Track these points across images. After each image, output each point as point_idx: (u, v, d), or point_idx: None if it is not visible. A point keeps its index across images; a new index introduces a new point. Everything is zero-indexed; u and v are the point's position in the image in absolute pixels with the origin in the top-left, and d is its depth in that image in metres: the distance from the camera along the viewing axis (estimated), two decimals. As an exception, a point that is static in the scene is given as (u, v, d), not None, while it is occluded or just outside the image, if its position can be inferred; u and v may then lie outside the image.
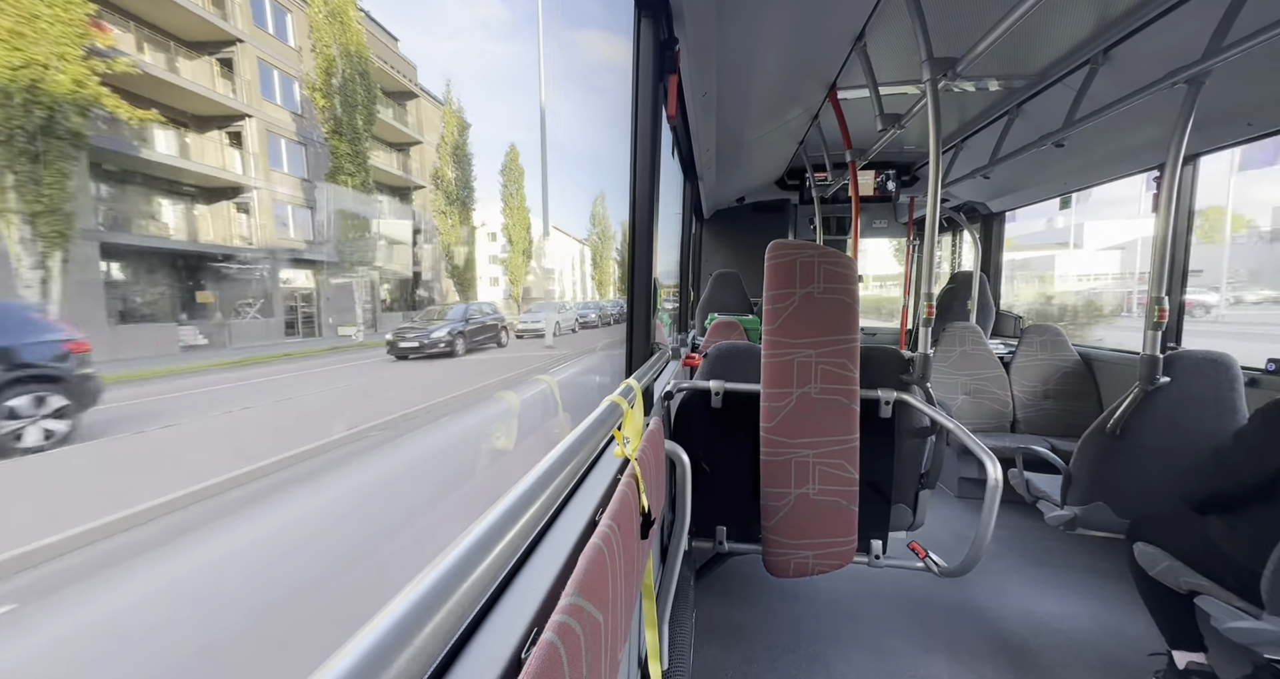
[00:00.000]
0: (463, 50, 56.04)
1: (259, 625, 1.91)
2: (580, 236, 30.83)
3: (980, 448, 1.57)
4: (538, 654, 0.44)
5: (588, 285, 30.92)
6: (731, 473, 1.83)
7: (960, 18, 1.93)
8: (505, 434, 4.24)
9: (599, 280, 30.83)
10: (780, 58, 2.21)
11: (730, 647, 1.94)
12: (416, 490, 3.49)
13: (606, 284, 30.56)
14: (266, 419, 4.54)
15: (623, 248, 22.17)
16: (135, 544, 2.26)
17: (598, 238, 31.18)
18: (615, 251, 35.43)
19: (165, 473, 3.04)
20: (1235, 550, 1.42)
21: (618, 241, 33.74)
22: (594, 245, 31.19)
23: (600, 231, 31.09)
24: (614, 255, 32.62)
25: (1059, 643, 1.95)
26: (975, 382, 3.38)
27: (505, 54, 57.31)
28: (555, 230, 24.80)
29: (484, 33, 50.60)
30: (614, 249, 35.27)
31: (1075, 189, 3.50)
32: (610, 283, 30.97)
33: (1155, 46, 1.95)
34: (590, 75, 70.53)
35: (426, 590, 0.37)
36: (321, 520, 2.82)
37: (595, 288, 30.58)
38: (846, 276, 1.62)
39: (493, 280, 19.82)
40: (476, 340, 8.12)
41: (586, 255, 31.17)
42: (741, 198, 4.77)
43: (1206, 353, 1.97)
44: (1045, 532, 2.77)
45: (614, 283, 32.40)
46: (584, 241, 30.30)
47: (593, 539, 0.64)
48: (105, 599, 1.88)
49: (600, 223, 31.02)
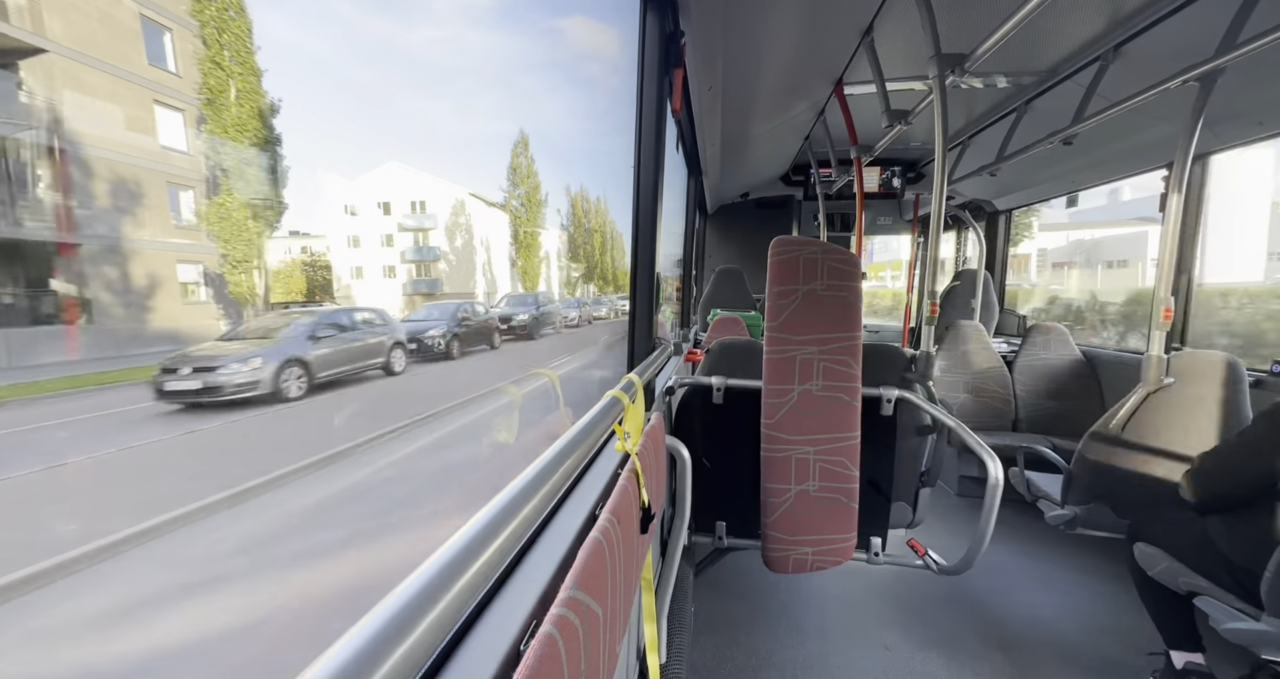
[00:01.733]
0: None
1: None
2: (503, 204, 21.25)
3: (981, 446, 1.57)
4: (536, 647, 0.44)
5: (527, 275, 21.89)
6: (732, 469, 1.83)
7: (969, 13, 1.91)
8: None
9: (524, 267, 21.45)
10: (786, 52, 2.19)
11: (729, 641, 1.95)
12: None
13: (534, 273, 21.58)
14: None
15: (573, 219, 21.18)
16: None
17: (520, 204, 21.07)
18: (564, 226, 29.01)
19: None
20: (1235, 552, 1.42)
21: (565, 214, 29.05)
22: (516, 216, 21.29)
23: (526, 196, 21.04)
24: (560, 231, 25.06)
25: (1057, 641, 1.95)
26: (977, 380, 3.37)
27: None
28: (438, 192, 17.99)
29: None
30: (560, 223, 27.73)
31: (1083, 187, 3.47)
32: (540, 270, 21.81)
33: (1167, 44, 1.93)
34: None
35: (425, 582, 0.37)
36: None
37: (519, 278, 21.64)
38: (850, 273, 1.62)
39: (388, 270, 16.30)
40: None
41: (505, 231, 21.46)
42: (746, 193, 4.75)
43: (1211, 354, 1.96)
44: (1045, 531, 2.77)
45: (554, 269, 23.50)
46: (503, 208, 20.95)
47: (592, 533, 0.64)
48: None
49: (525, 181, 20.90)
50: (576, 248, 30.82)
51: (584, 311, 17.97)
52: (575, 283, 30.22)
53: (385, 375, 5.63)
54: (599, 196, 32.04)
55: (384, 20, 39.45)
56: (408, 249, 17.12)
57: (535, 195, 21.36)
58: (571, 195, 31.18)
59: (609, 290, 31.36)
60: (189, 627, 2.24)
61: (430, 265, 17.61)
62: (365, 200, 16.39)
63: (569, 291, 29.09)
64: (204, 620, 2.29)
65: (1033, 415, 3.28)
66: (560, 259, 29.31)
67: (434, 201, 17.91)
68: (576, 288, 30.44)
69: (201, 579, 2.60)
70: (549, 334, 11.74)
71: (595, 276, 31.62)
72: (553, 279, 26.95)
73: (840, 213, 4.62)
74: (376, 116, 33.77)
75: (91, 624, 2.23)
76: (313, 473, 3.64)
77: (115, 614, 2.27)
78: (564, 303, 18.38)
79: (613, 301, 22.32)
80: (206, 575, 2.64)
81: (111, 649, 2.10)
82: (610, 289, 31.73)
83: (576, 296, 27.25)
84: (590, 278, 31.31)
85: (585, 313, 17.91)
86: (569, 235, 30.49)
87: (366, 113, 32.40)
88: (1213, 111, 1.94)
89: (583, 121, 79.09)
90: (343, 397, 5.01)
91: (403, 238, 17.01)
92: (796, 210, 4.75)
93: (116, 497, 3.35)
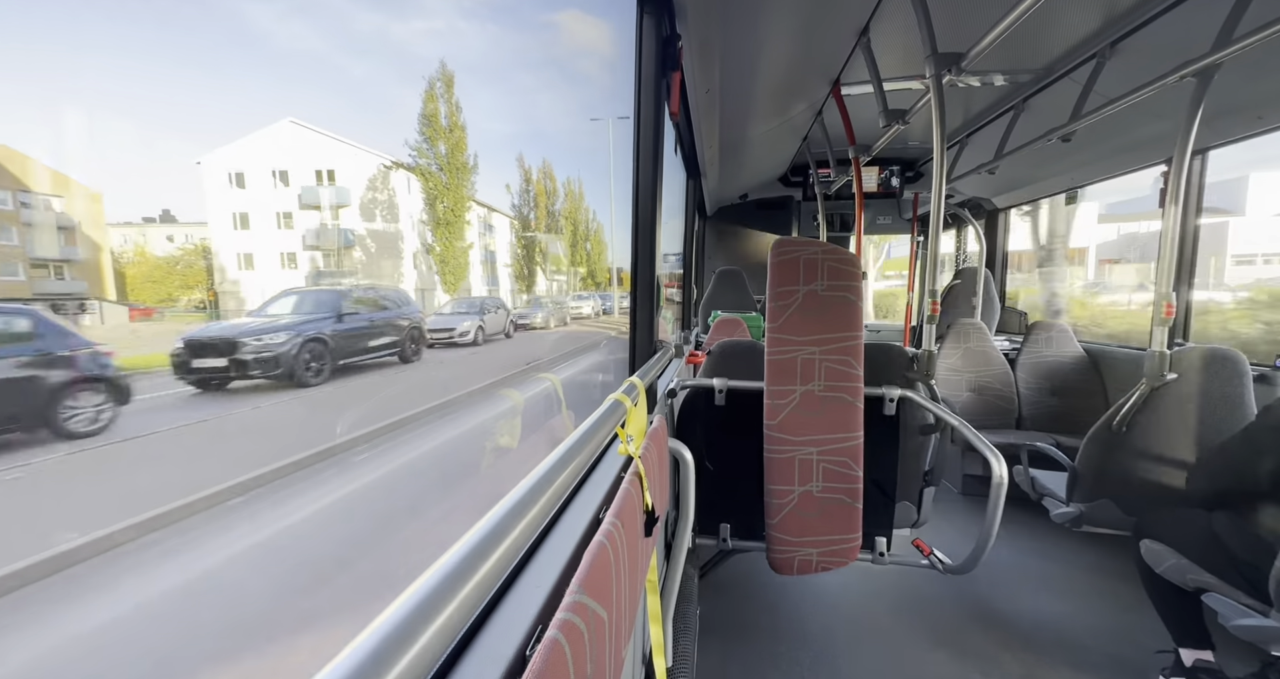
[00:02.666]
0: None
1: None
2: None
3: (985, 445, 1.56)
4: (542, 652, 0.44)
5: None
6: (735, 470, 1.83)
7: (965, 12, 1.91)
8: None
9: (442, 253, 15.67)
10: (783, 54, 2.20)
11: (734, 644, 1.94)
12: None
13: (457, 264, 15.73)
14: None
15: (532, 200, 17.77)
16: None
17: (439, 168, 15.44)
18: (517, 205, 22.76)
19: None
20: (1242, 547, 1.41)
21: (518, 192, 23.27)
22: (430, 181, 15.45)
23: (449, 158, 15.43)
24: (508, 206, 18.65)
25: (1065, 640, 1.94)
26: (980, 378, 3.36)
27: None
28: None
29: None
30: (512, 202, 21.76)
31: (1081, 184, 3.47)
32: (462, 259, 15.76)
33: (1164, 40, 1.93)
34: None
35: (430, 588, 0.37)
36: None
37: (436, 269, 16.02)
38: (850, 273, 1.62)
39: (287, 259, 12.17)
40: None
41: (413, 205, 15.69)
42: (745, 194, 4.76)
43: (1214, 349, 1.95)
44: (1051, 529, 2.76)
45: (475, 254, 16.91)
46: (413, 170, 15.29)
47: (596, 537, 0.64)
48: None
49: (446, 135, 15.20)
50: (530, 243, 24.94)
51: (548, 315, 14.74)
52: (529, 277, 24.68)
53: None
54: (572, 177, 26.64)
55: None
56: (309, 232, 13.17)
57: (459, 156, 15.41)
58: (526, 168, 24.61)
59: (590, 285, 27.59)
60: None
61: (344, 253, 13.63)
62: (252, 171, 12.24)
63: (521, 288, 23.49)
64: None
65: (1036, 413, 3.27)
66: (519, 249, 23.63)
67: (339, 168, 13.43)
68: (535, 283, 25.13)
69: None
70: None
71: (544, 270, 26.92)
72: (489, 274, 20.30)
73: (839, 213, 4.63)
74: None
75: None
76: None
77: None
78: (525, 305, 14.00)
79: (565, 303, 18.49)
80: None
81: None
82: (586, 283, 28.17)
83: (534, 296, 22.97)
84: (536, 271, 25.98)
85: (551, 316, 14.56)
86: (522, 218, 24.44)
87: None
88: (1210, 107, 1.94)
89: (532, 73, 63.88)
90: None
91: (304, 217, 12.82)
92: (796, 211, 4.76)
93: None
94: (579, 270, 30.20)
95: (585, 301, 18.54)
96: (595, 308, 18.51)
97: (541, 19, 67.06)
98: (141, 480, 3.44)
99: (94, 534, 2.76)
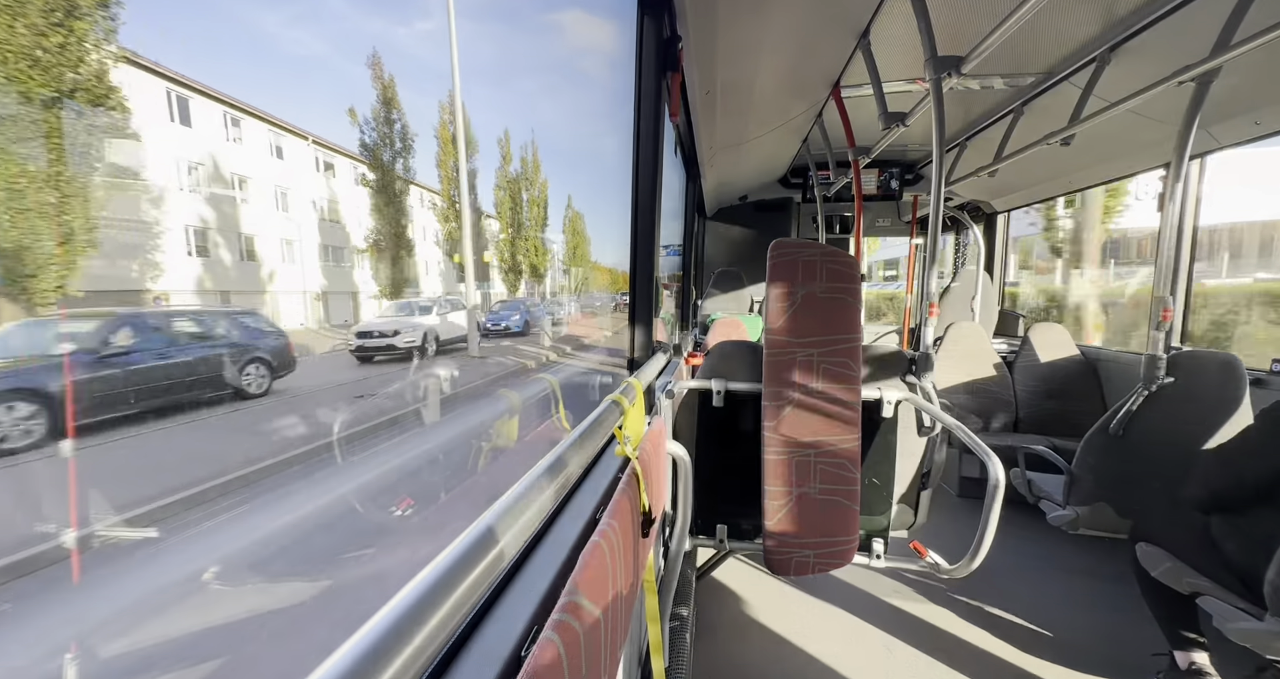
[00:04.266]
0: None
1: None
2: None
3: (982, 448, 1.57)
4: (537, 652, 0.44)
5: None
6: (733, 472, 1.83)
7: (965, 15, 1.92)
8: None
9: (377, 241, 12.64)
10: (783, 55, 2.20)
11: (731, 645, 1.94)
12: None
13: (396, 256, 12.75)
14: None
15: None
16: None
17: (381, 140, 12.38)
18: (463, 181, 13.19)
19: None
20: (1238, 551, 1.41)
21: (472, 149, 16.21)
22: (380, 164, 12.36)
23: (405, 136, 12.46)
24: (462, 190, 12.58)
25: (1060, 642, 1.95)
26: (978, 381, 3.37)
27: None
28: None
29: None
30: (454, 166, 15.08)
31: (1080, 188, 3.48)
32: (407, 250, 12.71)
33: (1163, 44, 1.93)
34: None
35: (426, 589, 0.37)
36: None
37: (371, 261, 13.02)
38: (849, 276, 1.62)
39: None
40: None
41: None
42: (744, 196, 4.76)
43: (1211, 353, 1.96)
44: (1047, 532, 2.76)
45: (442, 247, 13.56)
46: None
47: (593, 537, 0.64)
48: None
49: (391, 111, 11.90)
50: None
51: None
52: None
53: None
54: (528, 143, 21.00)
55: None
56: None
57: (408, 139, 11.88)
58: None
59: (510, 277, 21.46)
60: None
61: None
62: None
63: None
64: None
65: (1033, 416, 3.28)
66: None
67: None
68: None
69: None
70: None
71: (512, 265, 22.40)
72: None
73: (839, 215, 4.63)
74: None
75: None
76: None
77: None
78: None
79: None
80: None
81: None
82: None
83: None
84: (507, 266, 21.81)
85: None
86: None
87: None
88: (1209, 111, 1.95)
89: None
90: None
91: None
92: (795, 213, 4.76)
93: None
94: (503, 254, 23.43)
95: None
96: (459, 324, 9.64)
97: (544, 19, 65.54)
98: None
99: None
